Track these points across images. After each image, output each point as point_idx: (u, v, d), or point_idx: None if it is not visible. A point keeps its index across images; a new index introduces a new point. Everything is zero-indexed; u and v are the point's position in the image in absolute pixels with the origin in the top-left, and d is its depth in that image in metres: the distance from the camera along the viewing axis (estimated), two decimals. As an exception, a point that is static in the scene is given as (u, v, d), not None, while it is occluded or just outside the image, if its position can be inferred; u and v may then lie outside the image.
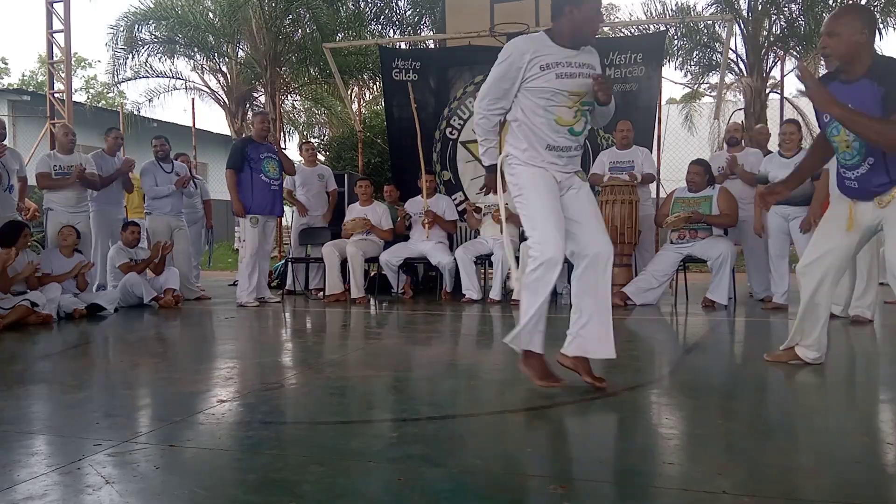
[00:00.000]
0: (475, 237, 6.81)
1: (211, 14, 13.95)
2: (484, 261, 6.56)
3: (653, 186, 6.90)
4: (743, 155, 6.20)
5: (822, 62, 14.89)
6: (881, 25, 11.68)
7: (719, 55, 12.57)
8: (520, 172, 2.72)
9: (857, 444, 2.16)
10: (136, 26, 13.51)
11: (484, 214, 6.63)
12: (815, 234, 3.18)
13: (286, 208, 7.47)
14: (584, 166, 7.09)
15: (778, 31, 12.59)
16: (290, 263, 7.46)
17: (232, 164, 6.24)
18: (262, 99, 14.66)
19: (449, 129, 7.65)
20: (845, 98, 2.66)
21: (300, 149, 8.05)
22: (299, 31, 14.13)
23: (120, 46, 13.63)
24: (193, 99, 12.33)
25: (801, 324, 3.15)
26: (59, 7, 10.52)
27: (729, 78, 13.05)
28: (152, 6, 13.61)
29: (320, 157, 10.32)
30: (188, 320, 5.48)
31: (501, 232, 6.28)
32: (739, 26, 12.20)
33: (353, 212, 6.95)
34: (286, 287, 7.40)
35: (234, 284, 7.60)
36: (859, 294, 4.74)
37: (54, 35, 10.61)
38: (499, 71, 2.69)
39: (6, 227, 5.22)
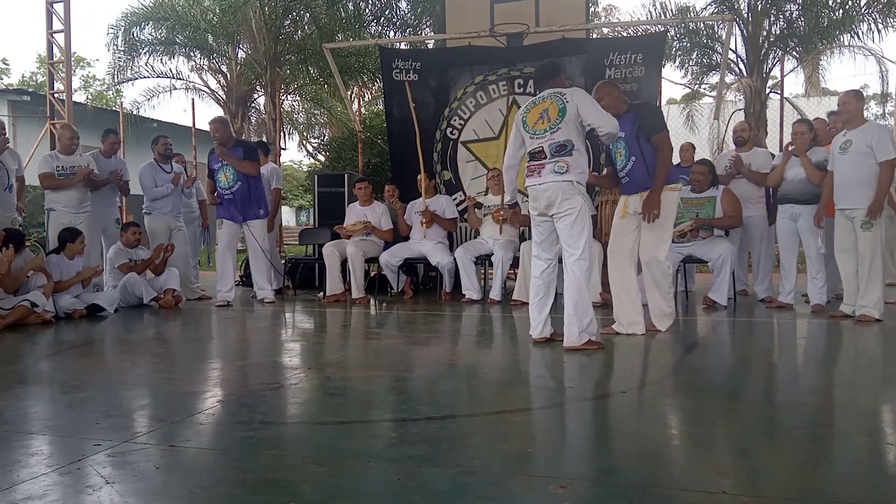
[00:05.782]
0: (475, 237, 6.80)
1: (211, 14, 13.91)
2: (484, 261, 6.54)
3: None
4: (751, 154, 6.18)
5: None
6: (881, 26, 11.74)
7: (719, 55, 12.55)
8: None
9: (857, 444, 2.16)
10: (136, 26, 13.49)
11: (485, 215, 6.62)
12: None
13: (286, 208, 7.45)
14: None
15: (778, 31, 12.58)
16: (289, 263, 7.45)
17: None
18: (262, 99, 14.64)
19: (449, 129, 7.64)
20: (622, 125, 4.01)
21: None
22: (299, 31, 14.09)
23: (119, 47, 13.62)
24: (193, 99, 12.37)
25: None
26: (59, 7, 10.51)
27: (729, 78, 13.02)
28: (152, 6, 13.59)
29: (320, 157, 10.31)
30: (188, 320, 5.47)
31: (501, 232, 6.36)
32: (739, 26, 12.19)
33: (353, 212, 6.95)
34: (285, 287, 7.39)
35: (236, 284, 7.60)
36: (861, 293, 4.73)
37: (54, 35, 10.61)
38: None
39: None
